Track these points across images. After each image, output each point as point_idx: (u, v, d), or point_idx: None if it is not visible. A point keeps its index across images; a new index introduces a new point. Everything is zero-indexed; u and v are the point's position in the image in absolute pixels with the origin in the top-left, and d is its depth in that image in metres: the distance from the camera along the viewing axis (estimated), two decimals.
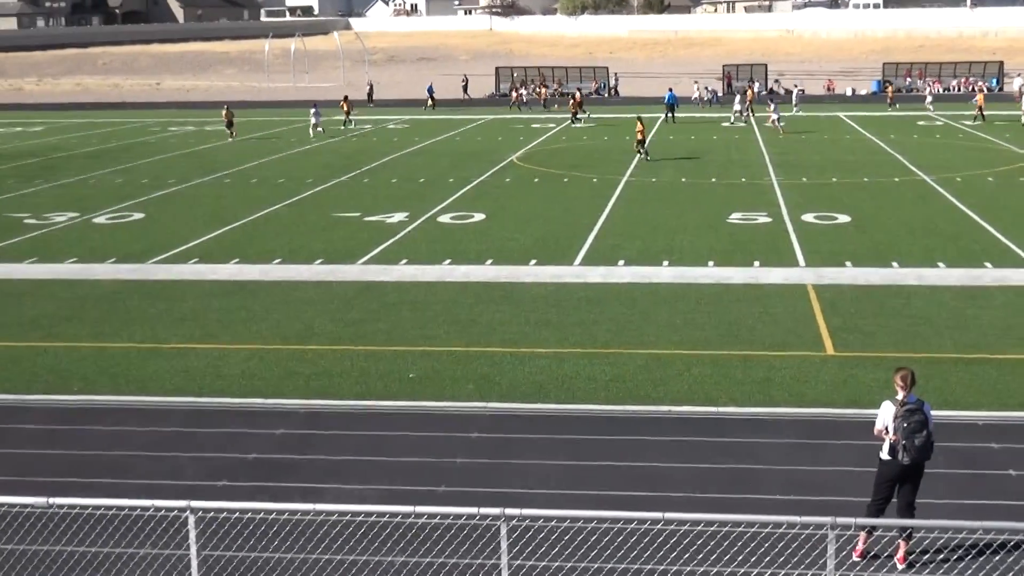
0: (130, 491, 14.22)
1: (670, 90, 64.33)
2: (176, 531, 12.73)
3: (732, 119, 62.00)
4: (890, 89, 73.83)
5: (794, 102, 69.30)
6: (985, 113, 60.63)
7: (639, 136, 46.98)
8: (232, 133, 58.66)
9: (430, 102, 75.15)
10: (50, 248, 30.44)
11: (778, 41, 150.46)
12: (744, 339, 20.74)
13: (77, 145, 57.37)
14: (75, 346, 21.15)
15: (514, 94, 76.81)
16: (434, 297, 24.31)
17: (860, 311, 22.56)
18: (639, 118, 49.31)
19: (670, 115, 62.21)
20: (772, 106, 59.21)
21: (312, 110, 60.13)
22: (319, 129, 58.96)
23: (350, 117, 64.06)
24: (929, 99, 69.15)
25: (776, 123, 57.18)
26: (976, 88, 71.59)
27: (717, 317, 22.28)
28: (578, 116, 63.40)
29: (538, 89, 79.14)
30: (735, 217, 33.17)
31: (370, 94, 79.52)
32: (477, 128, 61.68)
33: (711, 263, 27.06)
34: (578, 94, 66.23)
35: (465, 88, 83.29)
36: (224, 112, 60.27)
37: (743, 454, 15.37)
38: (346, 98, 66.03)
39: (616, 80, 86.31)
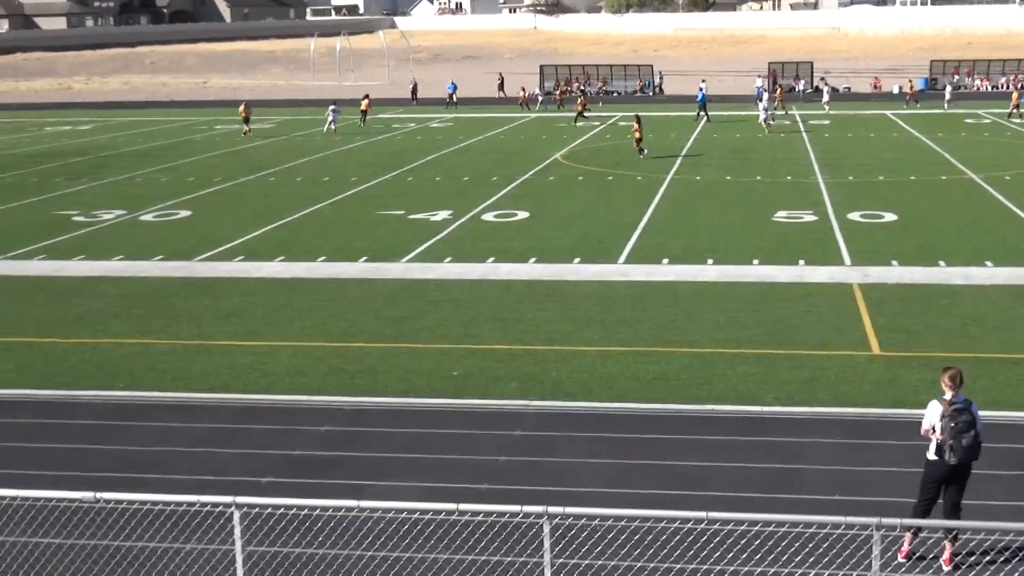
0: (176, 487, 14.33)
1: (701, 89, 64.19)
2: (221, 527, 12.82)
3: (763, 123, 60.80)
4: (911, 86, 72.73)
5: (825, 99, 68.21)
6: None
7: (636, 135, 47.27)
8: (247, 130, 59.30)
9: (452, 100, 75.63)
10: (98, 245, 30.72)
11: (824, 39, 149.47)
12: (789, 338, 20.63)
13: (124, 143, 57.87)
14: (122, 343, 21.34)
15: (522, 93, 74.96)
16: (478, 295, 24.34)
17: (906, 310, 22.39)
18: (637, 117, 49.60)
19: (702, 113, 61.84)
20: (762, 103, 59.29)
21: (331, 107, 60.56)
22: (333, 128, 59.33)
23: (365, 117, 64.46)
24: (948, 97, 68.24)
25: (764, 122, 56.74)
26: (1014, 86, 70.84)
27: (761, 316, 22.17)
28: (584, 115, 62.78)
29: (561, 89, 78.06)
30: (780, 215, 33.00)
31: (414, 92, 79.67)
32: (521, 126, 61.68)
33: (756, 261, 26.93)
34: (581, 96, 65.41)
35: (501, 87, 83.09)
36: (242, 108, 60.72)
37: (787, 454, 15.29)
38: (366, 96, 66.21)
39: (661, 78, 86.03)
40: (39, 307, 24.19)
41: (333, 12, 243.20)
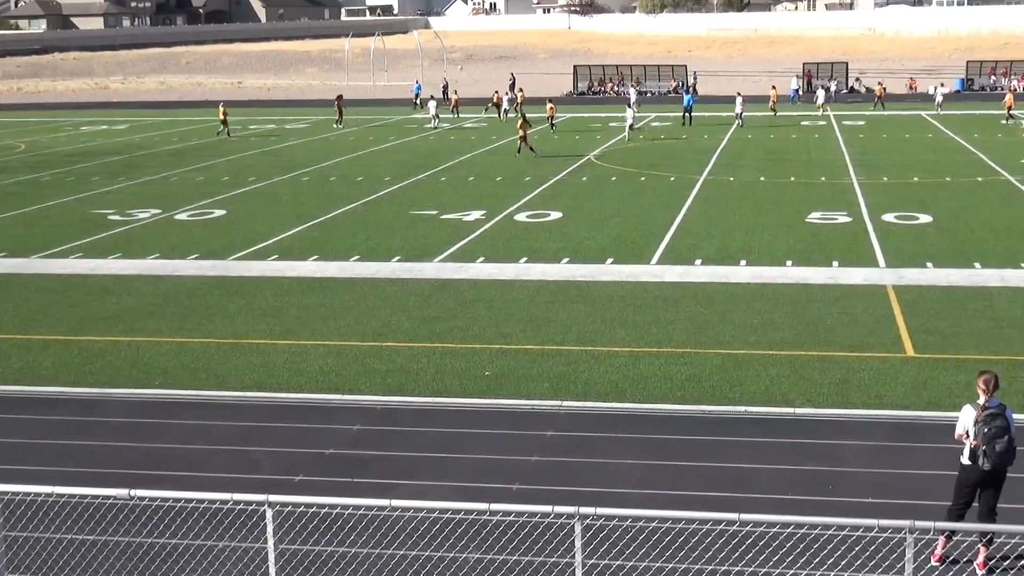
0: (209, 484, 14.41)
1: (687, 92, 64.16)
2: (254, 524, 12.88)
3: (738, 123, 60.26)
4: (880, 89, 71.77)
5: (820, 101, 67.24)
6: None
7: (521, 133, 48.64)
8: (226, 131, 60.04)
9: (418, 102, 76.11)
10: (133, 244, 30.92)
11: (859, 39, 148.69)
12: (822, 340, 20.54)
13: (160, 143, 58.22)
14: (157, 341, 21.48)
15: (495, 96, 71.24)
16: (510, 295, 24.36)
17: (941, 312, 22.25)
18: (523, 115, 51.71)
19: (687, 118, 61.17)
20: (739, 99, 59.22)
21: (430, 101, 61.81)
22: (435, 122, 60.52)
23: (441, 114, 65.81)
24: (939, 99, 67.09)
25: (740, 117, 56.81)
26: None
27: (795, 317, 22.09)
28: (553, 124, 60.37)
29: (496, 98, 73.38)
30: (814, 216, 32.87)
31: (445, 92, 79.72)
32: (556, 126, 61.59)
33: (789, 263, 26.84)
34: (550, 104, 61.87)
35: (512, 87, 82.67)
36: (220, 109, 61.47)
37: (820, 456, 15.23)
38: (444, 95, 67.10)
39: (695, 79, 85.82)
40: (75, 305, 24.38)
41: (368, 12, 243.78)
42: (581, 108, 73.99)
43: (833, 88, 76.89)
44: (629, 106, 58.38)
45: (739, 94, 62.97)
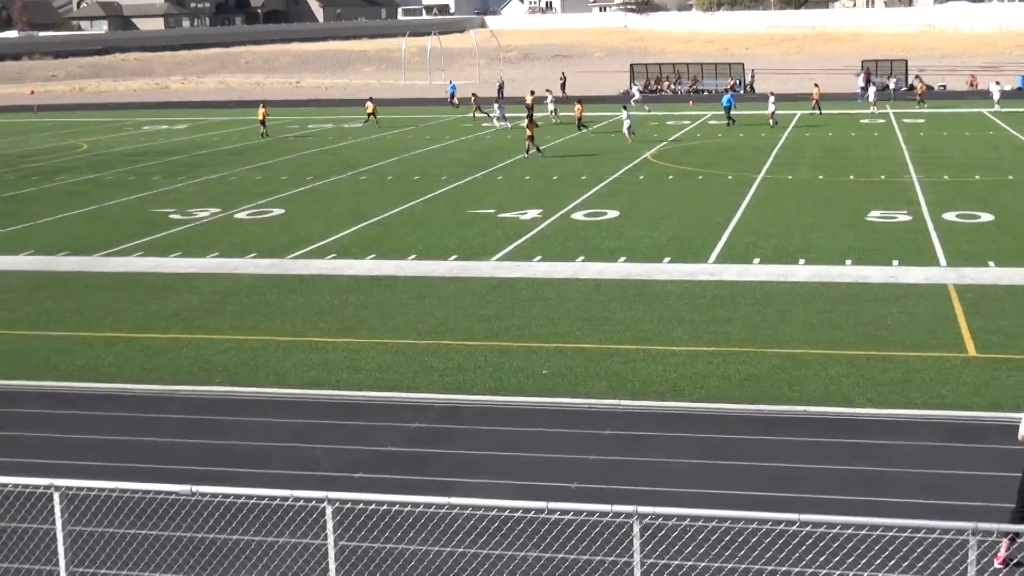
0: (269, 481, 14.54)
1: (727, 92, 63.25)
2: (314, 521, 12.98)
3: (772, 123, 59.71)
4: (921, 86, 70.55)
5: (872, 98, 66.08)
6: None
7: (529, 133, 48.61)
8: (265, 132, 60.18)
9: (455, 101, 75.93)
10: (193, 243, 31.23)
11: (919, 36, 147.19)
12: (882, 339, 20.38)
13: (219, 142, 58.73)
14: (217, 338, 21.69)
15: (473, 97, 69.10)
16: (567, 294, 24.36)
17: (1003, 312, 22.00)
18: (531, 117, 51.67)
19: (729, 118, 60.35)
20: (771, 99, 58.62)
21: (495, 105, 61.88)
22: (500, 123, 60.52)
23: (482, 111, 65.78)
24: (996, 96, 65.84)
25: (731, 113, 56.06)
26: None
27: (854, 317, 21.93)
28: (582, 124, 59.10)
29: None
30: (873, 215, 32.59)
31: (500, 91, 79.73)
32: (611, 125, 61.52)
33: (849, 262, 26.64)
34: (578, 106, 60.35)
35: (563, 87, 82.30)
36: (260, 110, 61.83)
37: (880, 456, 15.12)
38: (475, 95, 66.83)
39: (752, 76, 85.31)
40: (137, 303, 24.67)
41: (424, 12, 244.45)
42: (638, 107, 73.79)
43: (892, 85, 76.12)
44: (624, 107, 57.61)
45: (772, 93, 62.59)
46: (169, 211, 36.79)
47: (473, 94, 71.29)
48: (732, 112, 60.43)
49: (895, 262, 26.48)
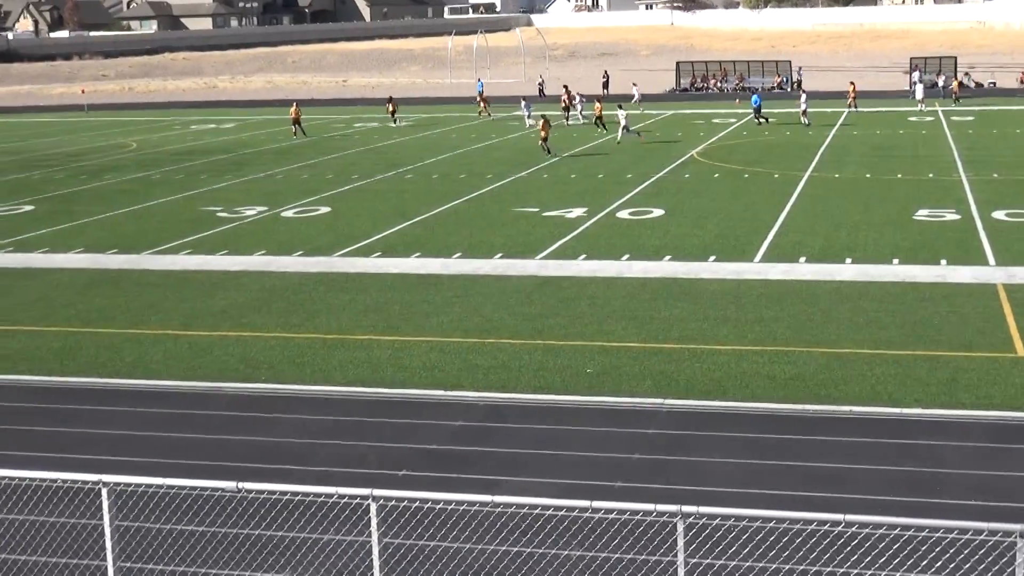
0: (314, 478, 14.62)
1: (756, 92, 62.41)
2: (359, 518, 13.04)
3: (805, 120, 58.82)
4: (956, 84, 69.46)
5: (919, 96, 65.28)
6: None
7: (543, 134, 48.50)
8: (295, 131, 60.02)
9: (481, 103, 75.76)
10: (240, 241, 31.45)
11: (968, 33, 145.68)
12: (930, 339, 20.22)
13: (265, 141, 59.06)
14: (263, 336, 21.83)
15: (564, 96, 66.22)
16: (612, 292, 24.33)
17: None
18: (544, 117, 51.28)
19: (759, 117, 59.47)
20: (803, 97, 57.98)
21: (523, 103, 61.59)
22: (530, 121, 60.35)
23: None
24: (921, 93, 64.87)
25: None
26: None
27: (901, 316, 21.77)
28: (602, 123, 58.02)
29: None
30: (921, 214, 32.33)
31: (541, 90, 79.54)
32: (657, 123, 61.36)
33: (896, 261, 26.44)
34: (598, 104, 59.16)
35: (606, 85, 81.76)
36: (293, 109, 61.77)
37: (927, 457, 15.00)
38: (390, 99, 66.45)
39: (800, 74, 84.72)
40: (185, 300, 24.87)
41: (471, 10, 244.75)
42: (684, 104, 73.51)
43: (941, 83, 75.40)
44: (620, 106, 57.07)
45: (803, 91, 62.12)
46: (216, 209, 37.06)
47: (479, 93, 71.39)
48: (762, 112, 59.86)
49: (943, 261, 26.25)
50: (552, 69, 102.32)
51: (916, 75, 72.66)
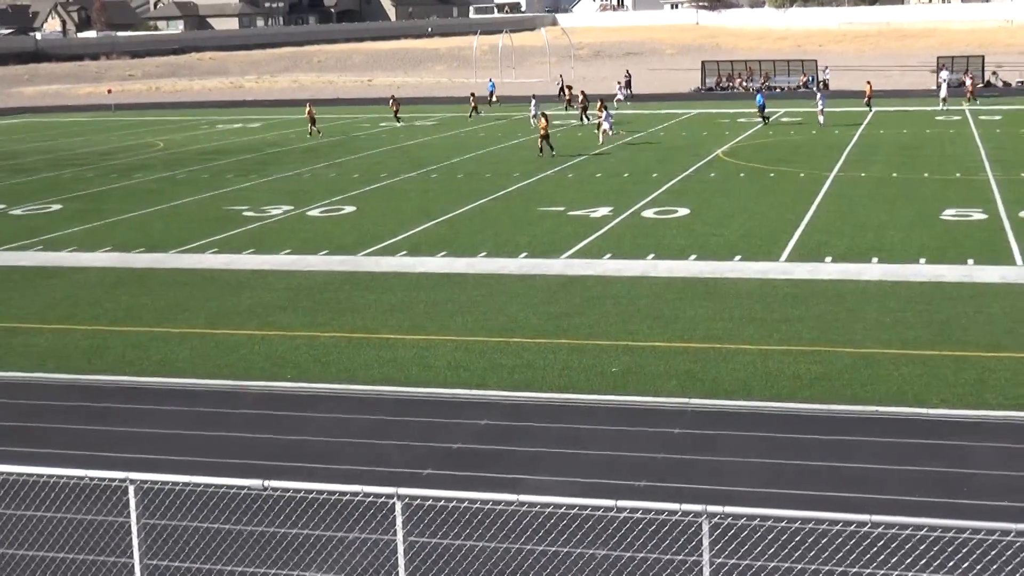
0: (339, 476, 14.66)
1: (759, 92, 61.81)
2: (384, 517, 13.07)
3: (821, 120, 58.49)
4: (972, 84, 69.00)
5: (942, 95, 64.54)
6: None
7: (543, 132, 48.12)
8: (310, 131, 60.10)
9: (493, 99, 75.79)
10: (266, 240, 31.55)
11: (996, 32, 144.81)
12: (957, 339, 20.12)
13: (292, 140, 59.23)
14: (289, 335, 21.90)
15: (580, 94, 66.82)
16: (637, 292, 24.31)
17: None
18: (544, 114, 50.69)
19: (763, 117, 59.06)
20: (819, 96, 57.53)
21: (532, 101, 61.53)
22: (534, 121, 60.22)
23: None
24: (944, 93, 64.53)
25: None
26: None
27: (928, 316, 21.67)
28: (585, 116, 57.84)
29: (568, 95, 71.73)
30: (948, 213, 32.17)
31: (562, 89, 79.42)
32: (682, 123, 61.28)
33: (922, 260, 26.32)
34: (600, 103, 57.33)
35: (628, 84, 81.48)
36: (307, 109, 61.89)
37: (954, 458, 14.93)
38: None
39: (827, 73, 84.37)
40: (211, 299, 24.97)
41: (496, 10, 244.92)
42: (709, 104, 73.34)
43: (968, 82, 74.96)
44: (605, 107, 56.77)
45: (820, 91, 61.80)
46: (242, 208, 37.18)
47: (472, 93, 71.46)
48: (766, 111, 59.40)
49: (970, 261, 26.12)
50: (577, 68, 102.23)
51: (944, 74, 72.26)
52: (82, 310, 24.39)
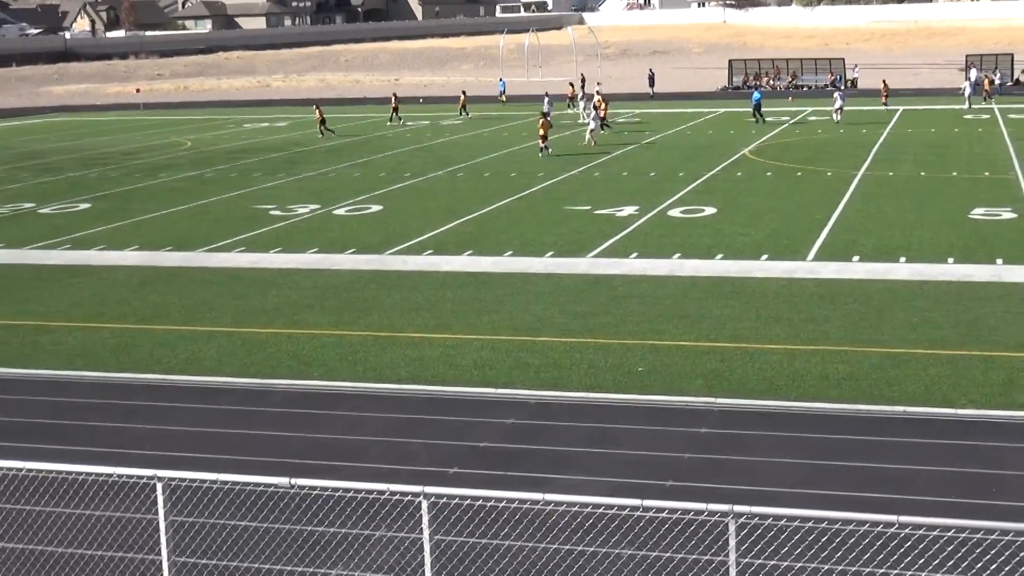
0: (366, 475, 14.69)
1: (756, 89, 61.21)
2: (410, 515, 13.09)
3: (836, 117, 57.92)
4: (987, 83, 68.53)
5: (967, 93, 64.17)
6: None
7: (541, 132, 48.43)
8: (322, 131, 60.06)
9: (503, 99, 76.34)
10: (293, 239, 31.64)
11: None
12: (985, 339, 20.00)
13: (319, 139, 59.35)
14: (316, 333, 21.96)
15: (462, 95, 69.41)
16: (663, 291, 24.27)
17: None
18: (543, 114, 51.17)
19: (757, 115, 58.76)
20: (837, 95, 57.26)
21: (546, 99, 61.44)
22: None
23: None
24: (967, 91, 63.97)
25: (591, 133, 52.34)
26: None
27: (956, 316, 21.55)
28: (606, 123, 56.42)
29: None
30: (977, 212, 31.99)
31: (582, 87, 79.23)
32: (708, 122, 61.13)
33: (951, 260, 26.19)
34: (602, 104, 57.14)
35: (651, 82, 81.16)
36: (316, 110, 62.02)
37: (983, 458, 14.85)
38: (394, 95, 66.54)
39: (856, 71, 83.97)
40: (239, 297, 25.07)
41: (522, 9, 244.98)
42: (736, 103, 73.11)
43: (997, 80, 74.57)
44: (585, 105, 56.44)
45: (839, 89, 61.51)
46: (269, 207, 37.31)
47: (463, 91, 71.53)
48: (762, 110, 59.03)
49: (999, 260, 25.97)
50: (604, 68, 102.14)
51: (973, 73, 71.85)
52: (110, 308, 24.53)
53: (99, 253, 30.71)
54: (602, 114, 55.40)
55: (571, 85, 73.85)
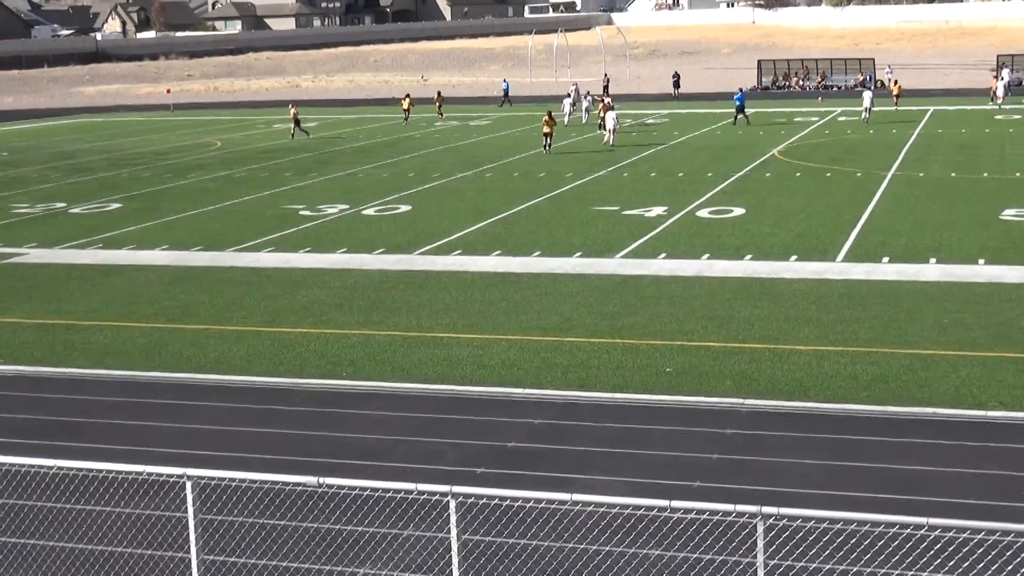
0: (394, 474, 14.73)
1: (740, 90, 60.84)
2: (438, 514, 13.12)
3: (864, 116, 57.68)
4: (993, 82, 67.87)
5: (999, 93, 63.62)
6: None
7: (545, 130, 49.10)
8: (296, 131, 60.02)
9: (506, 100, 76.48)
10: (322, 239, 31.74)
11: None
12: (1016, 341, 19.87)
13: (347, 140, 59.53)
14: (344, 333, 22.02)
15: (437, 95, 72.19)
16: (692, 292, 24.22)
17: None
18: (550, 113, 51.36)
19: (741, 116, 58.35)
20: (866, 95, 56.97)
21: (565, 101, 61.49)
22: (566, 119, 60.33)
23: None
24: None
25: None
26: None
27: (987, 317, 21.43)
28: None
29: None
30: (1008, 213, 31.79)
31: (606, 88, 79.17)
32: (737, 122, 60.89)
33: (982, 261, 26.03)
34: (601, 104, 57.50)
35: (676, 84, 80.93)
36: (292, 110, 62.06)
37: (1012, 461, 14.76)
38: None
39: (890, 71, 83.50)
40: (268, 297, 25.16)
41: (551, 9, 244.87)
42: (765, 103, 72.86)
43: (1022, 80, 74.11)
44: (571, 102, 56.40)
45: (868, 88, 61.23)
46: (299, 207, 37.43)
47: (438, 92, 71.63)
48: (745, 111, 58.61)
49: None
50: (632, 68, 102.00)
51: (1006, 73, 71.35)
52: (140, 307, 24.66)
53: (130, 253, 30.89)
54: (601, 114, 55.64)
55: (575, 84, 73.95)
